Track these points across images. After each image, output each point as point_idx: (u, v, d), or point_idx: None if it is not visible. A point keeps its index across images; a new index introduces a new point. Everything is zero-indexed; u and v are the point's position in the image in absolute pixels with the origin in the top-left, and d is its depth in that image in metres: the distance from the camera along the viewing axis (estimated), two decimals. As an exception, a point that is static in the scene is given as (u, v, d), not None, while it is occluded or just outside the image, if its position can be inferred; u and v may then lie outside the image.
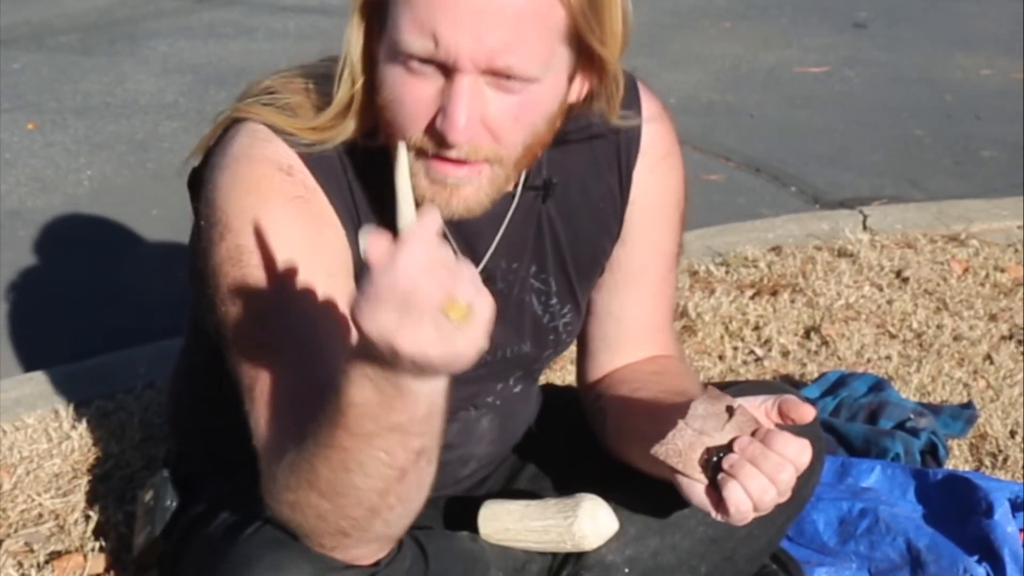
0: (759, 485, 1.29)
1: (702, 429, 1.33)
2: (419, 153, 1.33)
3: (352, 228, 1.42)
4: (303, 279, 1.35)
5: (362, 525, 1.26)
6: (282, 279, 1.35)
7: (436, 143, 1.32)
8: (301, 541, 1.32)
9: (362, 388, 1.14)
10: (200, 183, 1.44)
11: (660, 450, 1.33)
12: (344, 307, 1.38)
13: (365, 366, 1.13)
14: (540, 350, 1.62)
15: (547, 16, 1.29)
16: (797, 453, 1.30)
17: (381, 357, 1.09)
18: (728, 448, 1.31)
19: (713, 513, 1.32)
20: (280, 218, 1.37)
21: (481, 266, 1.52)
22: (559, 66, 1.34)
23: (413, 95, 1.32)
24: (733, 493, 1.29)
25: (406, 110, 1.33)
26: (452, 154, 1.32)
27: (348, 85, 1.36)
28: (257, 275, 1.36)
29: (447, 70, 1.29)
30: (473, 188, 1.35)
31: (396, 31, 1.29)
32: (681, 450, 1.32)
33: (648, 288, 1.65)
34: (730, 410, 1.34)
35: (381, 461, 1.19)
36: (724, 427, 1.33)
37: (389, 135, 1.36)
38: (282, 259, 1.36)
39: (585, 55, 1.35)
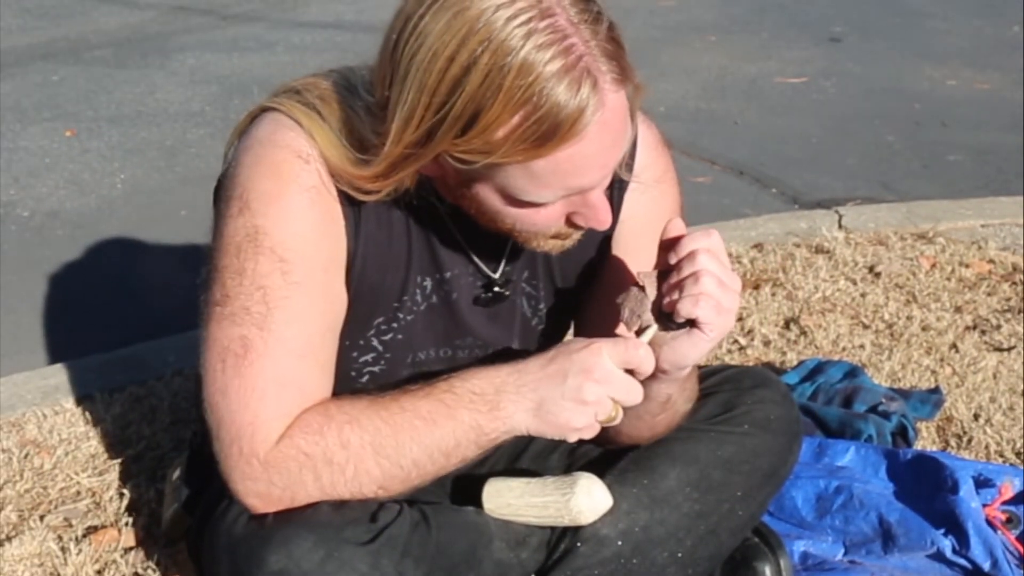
0: (697, 286, 1.29)
1: (638, 313, 1.35)
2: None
3: (352, 223, 1.41)
4: (304, 270, 1.36)
5: (379, 473, 1.36)
6: (288, 267, 1.35)
7: (572, 228, 1.37)
8: (305, 512, 1.36)
9: (482, 386, 1.35)
10: (227, 164, 1.44)
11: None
12: (328, 304, 1.39)
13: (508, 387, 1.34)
14: (526, 348, 1.62)
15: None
16: (701, 239, 1.31)
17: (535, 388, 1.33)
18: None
19: (707, 338, 1.32)
20: (295, 206, 1.36)
21: (499, 273, 1.52)
22: None
23: (545, 219, 1.33)
24: (685, 305, 1.30)
25: (538, 227, 1.35)
26: None
27: (384, 170, 1.31)
28: (269, 256, 1.35)
29: None
30: (578, 233, 1.39)
31: (519, 191, 1.28)
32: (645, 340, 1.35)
33: None
34: (637, 284, 1.36)
35: (446, 446, 1.35)
36: (645, 295, 1.35)
37: (510, 228, 1.37)
38: (291, 246, 1.35)
39: None
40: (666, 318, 1.34)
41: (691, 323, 1.33)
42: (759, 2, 6.71)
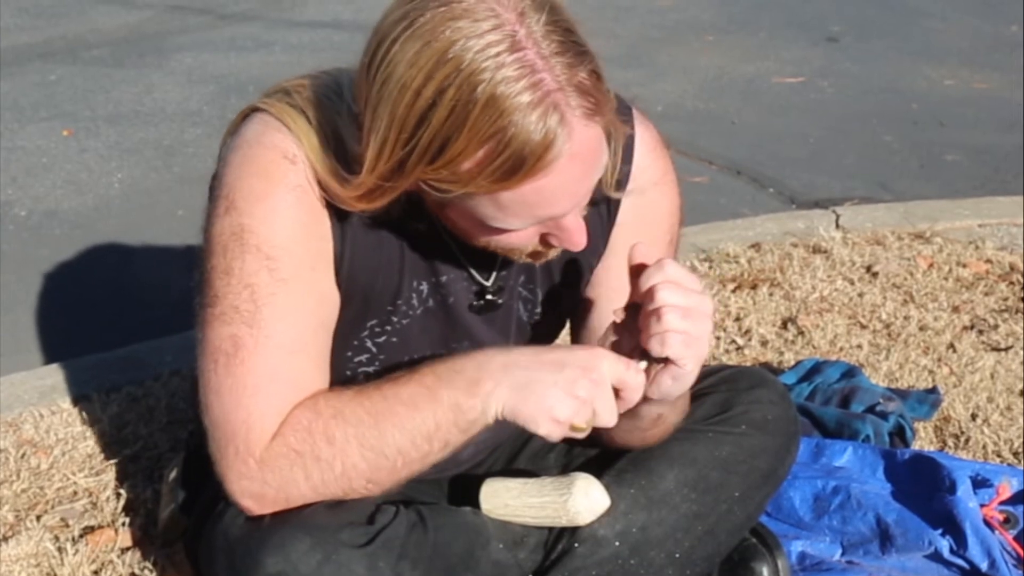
0: (661, 324, 1.29)
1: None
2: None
3: (338, 224, 1.40)
4: (291, 267, 1.36)
5: (366, 467, 1.35)
6: (275, 265, 1.35)
7: (547, 247, 1.37)
8: (301, 514, 1.35)
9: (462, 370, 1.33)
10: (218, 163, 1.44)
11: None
12: (318, 300, 1.39)
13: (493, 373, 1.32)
14: None
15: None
16: (655, 274, 1.30)
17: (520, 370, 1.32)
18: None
19: (684, 371, 1.32)
20: (281, 204, 1.35)
21: (492, 280, 1.52)
22: None
23: (519, 241, 1.34)
24: (653, 345, 1.30)
25: (513, 247, 1.35)
26: None
27: (363, 194, 1.31)
28: (255, 254, 1.35)
29: None
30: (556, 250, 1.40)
31: (489, 219, 1.28)
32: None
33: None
34: (613, 324, 1.37)
35: (427, 430, 1.33)
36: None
37: (485, 245, 1.37)
38: (277, 243, 1.35)
39: None
40: (644, 352, 1.33)
41: (666, 359, 1.32)
42: (757, 2, 6.71)
